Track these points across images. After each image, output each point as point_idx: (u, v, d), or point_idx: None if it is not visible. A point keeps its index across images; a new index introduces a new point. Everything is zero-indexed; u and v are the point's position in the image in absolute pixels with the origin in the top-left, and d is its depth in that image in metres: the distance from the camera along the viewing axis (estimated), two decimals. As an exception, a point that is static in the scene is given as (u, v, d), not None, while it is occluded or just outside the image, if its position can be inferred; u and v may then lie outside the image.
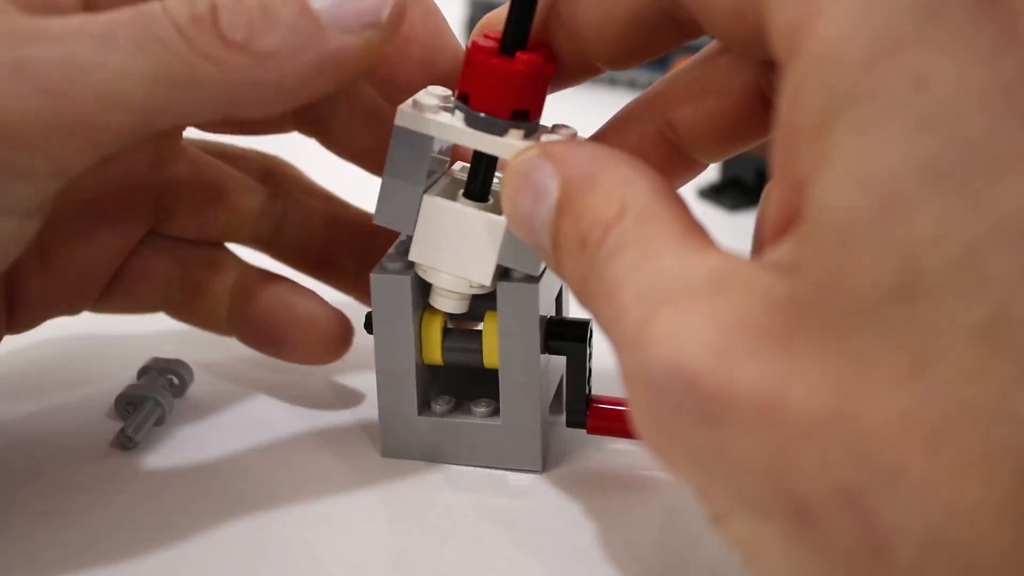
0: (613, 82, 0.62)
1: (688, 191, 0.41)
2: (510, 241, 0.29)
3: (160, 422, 0.34)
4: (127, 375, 0.36)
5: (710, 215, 0.46)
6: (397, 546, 0.29)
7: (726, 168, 0.51)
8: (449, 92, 0.29)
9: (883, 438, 0.17)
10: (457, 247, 0.30)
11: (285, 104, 0.28)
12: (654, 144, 0.29)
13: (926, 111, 0.18)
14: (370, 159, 0.35)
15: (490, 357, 0.31)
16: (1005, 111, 0.18)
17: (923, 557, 0.17)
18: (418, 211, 0.30)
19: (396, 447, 0.32)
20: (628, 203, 0.23)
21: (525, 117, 0.28)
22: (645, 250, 0.22)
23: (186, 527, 0.29)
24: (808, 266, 0.19)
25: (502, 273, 0.30)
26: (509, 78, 0.28)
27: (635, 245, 0.22)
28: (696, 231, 0.22)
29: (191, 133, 0.35)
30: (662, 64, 0.51)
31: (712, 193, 0.51)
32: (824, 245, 0.18)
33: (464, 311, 0.31)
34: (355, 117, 0.35)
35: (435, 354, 0.31)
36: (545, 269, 0.30)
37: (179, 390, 0.36)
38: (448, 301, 0.31)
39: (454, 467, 0.32)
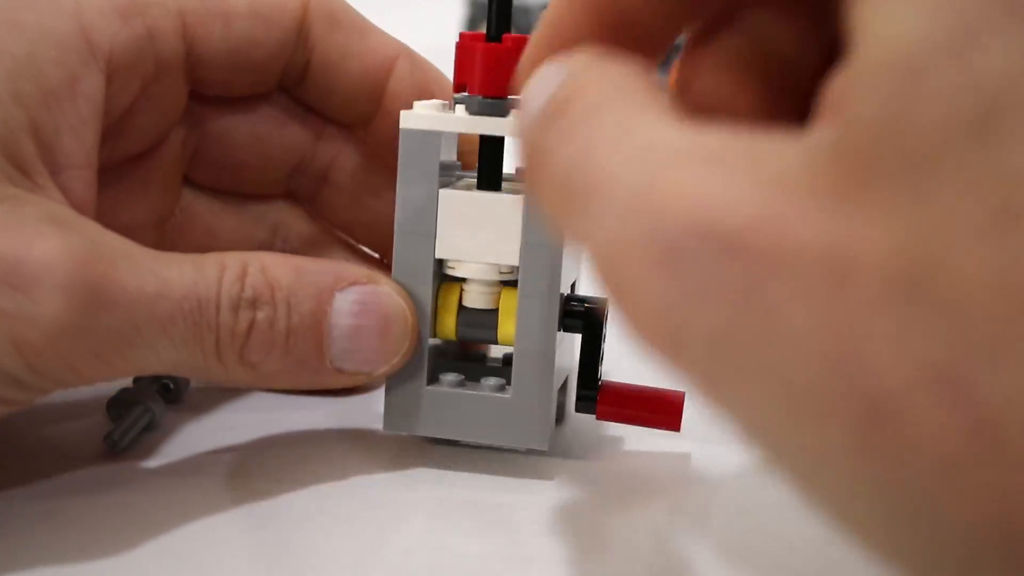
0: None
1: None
2: (531, 217, 0.30)
3: (151, 427, 0.33)
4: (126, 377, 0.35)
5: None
6: (395, 536, 0.28)
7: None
8: (443, 103, 0.31)
9: (975, 302, 0.14)
10: (480, 234, 0.30)
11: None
12: None
13: None
14: (359, 231, 0.37)
15: (505, 333, 0.31)
16: None
17: None
18: (437, 208, 0.30)
19: (400, 421, 0.31)
20: (610, 75, 0.20)
21: None
22: (630, 117, 0.19)
23: (184, 526, 0.28)
24: (862, 107, 0.16)
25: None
26: (502, 57, 0.30)
27: (612, 111, 0.19)
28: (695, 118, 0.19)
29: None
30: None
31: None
32: (881, 80, 0.15)
33: (496, 305, 0.31)
34: (345, 191, 0.36)
35: (449, 327, 0.31)
36: None
37: (173, 395, 0.35)
38: (481, 296, 0.31)
39: (456, 454, 0.31)
